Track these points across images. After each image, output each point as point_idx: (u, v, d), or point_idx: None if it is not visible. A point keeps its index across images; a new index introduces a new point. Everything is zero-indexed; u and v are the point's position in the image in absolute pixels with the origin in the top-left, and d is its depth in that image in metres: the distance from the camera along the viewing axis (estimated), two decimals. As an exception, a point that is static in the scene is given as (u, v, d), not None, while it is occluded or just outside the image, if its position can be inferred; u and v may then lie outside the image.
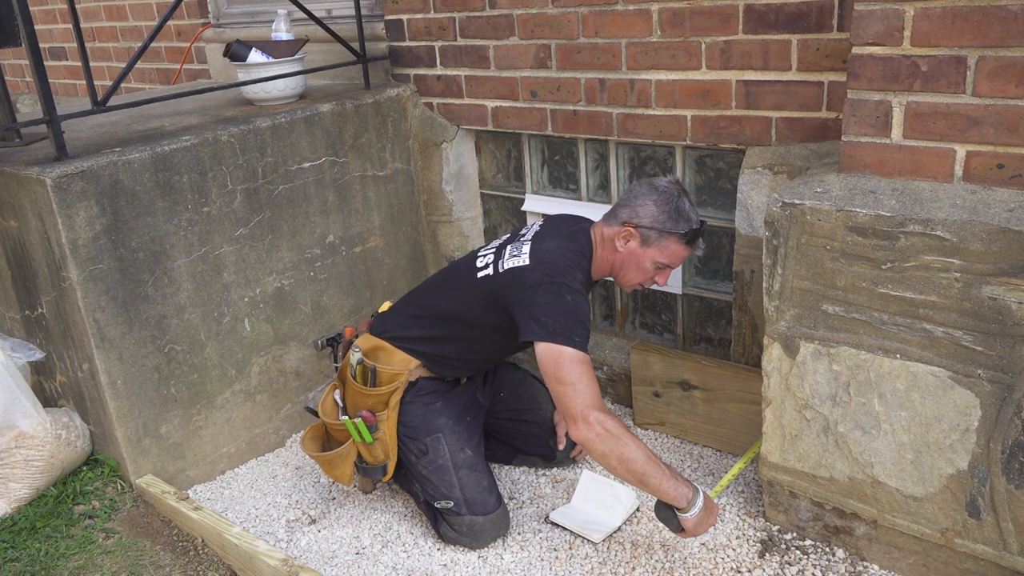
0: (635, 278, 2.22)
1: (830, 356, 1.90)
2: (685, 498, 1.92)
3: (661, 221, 2.13)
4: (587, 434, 1.91)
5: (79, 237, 2.23)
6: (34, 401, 2.43)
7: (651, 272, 2.20)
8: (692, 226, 2.15)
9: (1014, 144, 1.67)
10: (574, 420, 1.93)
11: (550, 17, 2.60)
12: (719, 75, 2.32)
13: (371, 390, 2.26)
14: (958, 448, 1.79)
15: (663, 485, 1.91)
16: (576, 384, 1.93)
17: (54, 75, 4.63)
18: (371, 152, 2.90)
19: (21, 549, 2.29)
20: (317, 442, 2.39)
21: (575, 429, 1.93)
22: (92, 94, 2.38)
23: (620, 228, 2.17)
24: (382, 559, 2.24)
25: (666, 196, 2.14)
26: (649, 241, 2.15)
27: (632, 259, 2.18)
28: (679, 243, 2.16)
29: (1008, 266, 1.62)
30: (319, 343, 2.49)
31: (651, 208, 2.14)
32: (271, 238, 2.65)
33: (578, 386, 1.93)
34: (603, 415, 1.92)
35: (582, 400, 1.92)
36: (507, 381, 2.53)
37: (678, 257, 2.19)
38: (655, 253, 2.17)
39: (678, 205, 2.14)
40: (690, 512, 1.93)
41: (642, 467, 1.90)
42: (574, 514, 2.30)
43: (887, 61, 1.76)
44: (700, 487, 2.03)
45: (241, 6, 3.64)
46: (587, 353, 1.99)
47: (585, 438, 1.92)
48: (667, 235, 2.14)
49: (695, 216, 2.17)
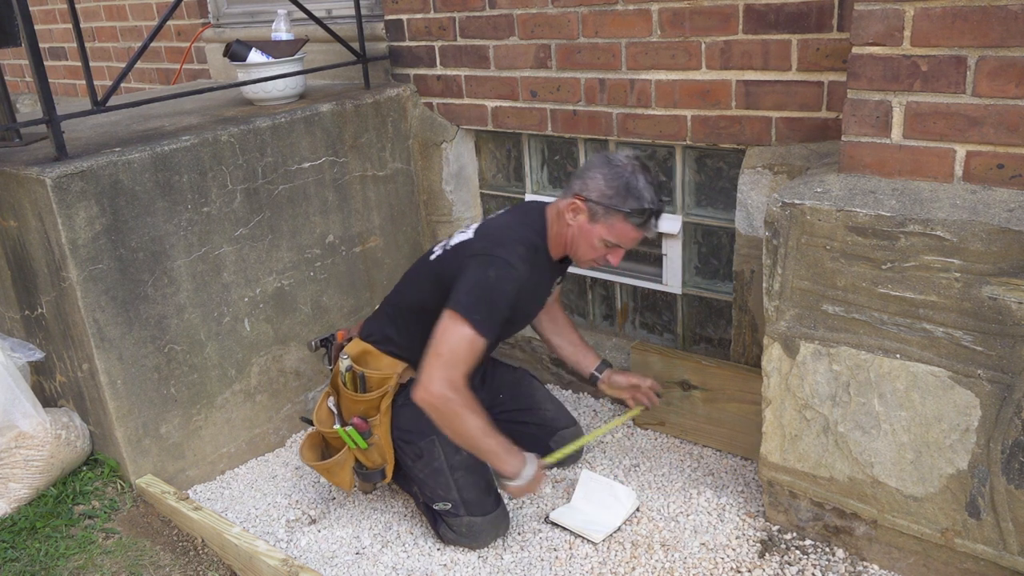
0: (586, 255, 2.14)
1: (830, 356, 1.90)
2: (513, 471, 2.08)
3: (608, 197, 2.04)
4: (425, 401, 1.99)
5: (79, 237, 2.23)
6: (34, 401, 2.43)
7: (601, 250, 2.11)
8: (642, 205, 2.03)
9: (1014, 144, 1.67)
10: (422, 384, 1.98)
11: (550, 17, 2.60)
12: (719, 75, 2.32)
13: (362, 396, 2.26)
14: (958, 448, 1.79)
15: (492, 458, 2.07)
16: (445, 357, 1.97)
17: (54, 75, 4.63)
18: (371, 152, 2.90)
19: (21, 549, 2.29)
20: (315, 450, 2.38)
21: (417, 390, 1.99)
22: (92, 94, 2.38)
23: (570, 200, 2.09)
24: (382, 559, 2.24)
25: (617, 171, 2.05)
26: (596, 216, 2.06)
27: (581, 234, 2.10)
28: (626, 222, 2.05)
29: (1008, 266, 1.62)
30: (313, 344, 2.49)
31: (600, 182, 2.05)
32: (271, 238, 2.65)
33: (446, 359, 1.97)
34: (450, 394, 1.96)
35: (440, 374, 1.97)
36: (506, 382, 2.53)
37: (627, 237, 2.09)
38: (602, 230, 2.07)
39: (629, 182, 2.03)
40: (515, 482, 2.09)
41: (472, 442, 2.04)
42: (574, 514, 2.30)
43: (887, 61, 1.76)
44: (533, 459, 2.13)
45: (241, 6, 3.63)
46: (482, 334, 1.97)
47: (422, 402, 2.00)
48: (613, 212, 2.04)
49: (650, 196, 2.05)
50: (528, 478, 2.10)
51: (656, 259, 2.75)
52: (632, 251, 2.80)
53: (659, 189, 2.09)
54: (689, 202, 2.61)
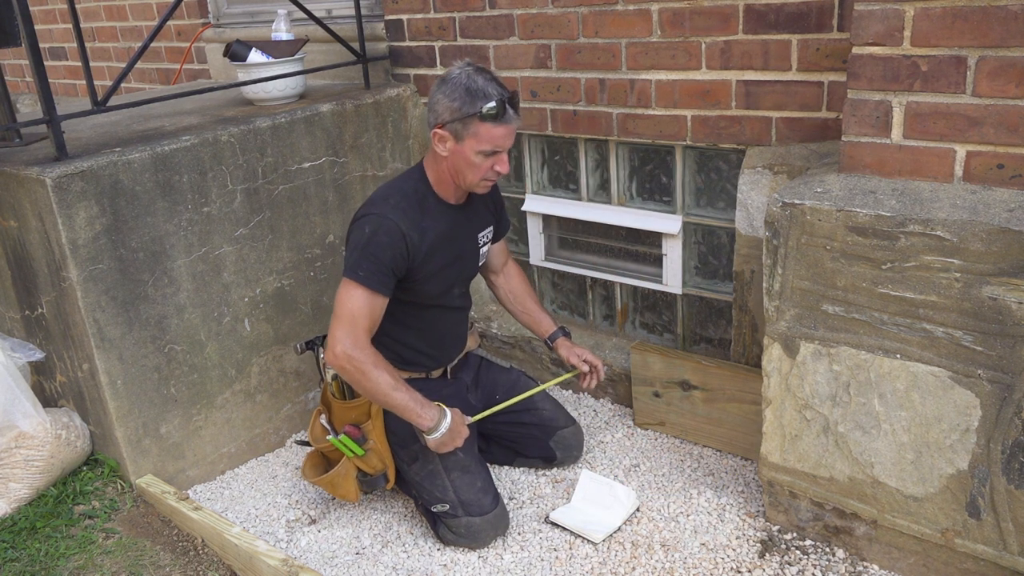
0: (473, 176, 2.09)
1: (830, 356, 1.90)
2: (429, 423, 2.09)
3: (457, 109, 1.99)
4: (335, 364, 2.06)
5: (79, 237, 2.23)
6: (34, 401, 2.43)
7: (483, 164, 2.07)
8: (490, 100, 1.98)
9: (1014, 144, 1.67)
10: (328, 348, 2.06)
11: (550, 17, 2.60)
12: (719, 75, 2.32)
13: (351, 402, 2.27)
14: (958, 448, 1.79)
15: (407, 413, 2.08)
16: (344, 318, 2.05)
17: (54, 75, 4.62)
18: (371, 152, 2.90)
19: (21, 549, 2.29)
20: (317, 469, 2.38)
21: (326, 355, 2.08)
22: (92, 94, 2.38)
23: (431, 134, 2.07)
24: (382, 559, 2.24)
25: (455, 82, 2.00)
26: (459, 134, 2.02)
27: (459, 159, 2.07)
28: (486, 123, 1.99)
29: (1008, 266, 1.62)
30: (298, 347, 2.45)
31: (444, 101, 2.01)
32: (271, 238, 2.65)
33: (344, 320, 2.05)
34: (353, 352, 2.03)
35: (340, 335, 2.04)
36: (501, 383, 2.53)
37: (496, 138, 2.03)
38: (472, 143, 2.03)
39: (468, 86, 1.98)
40: (432, 435, 2.11)
41: (384, 398, 2.07)
42: (574, 514, 2.30)
43: (887, 61, 1.76)
44: (450, 412, 2.14)
45: (241, 6, 3.63)
46: (373, 289, 2.04)
47: (331, 365, 2.08)
48: (470, 120, 1.99)
49: (494, 89, 1.99)
50: (446, 429, 2.11)
51: (656, 259, 2.75)
52: (632, 251, 2.81)
53: (500, 82, 2.04)
54: (689, 202, 2.61)
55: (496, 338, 3.14)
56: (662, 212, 2.67)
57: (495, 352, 3.17)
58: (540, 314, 2.54)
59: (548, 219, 3.00)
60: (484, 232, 2.36)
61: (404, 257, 2.09)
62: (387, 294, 2.10)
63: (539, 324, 2.53)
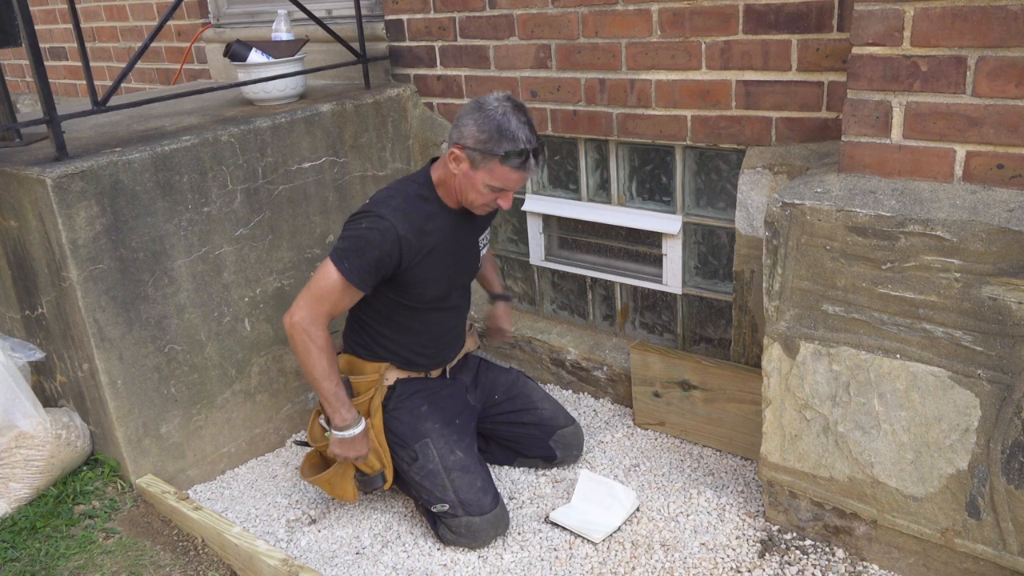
0: (476, 200, 2.10)
1: (830, 356, 1.90)
2: (342, 423, 2.17)
3: (482, 142, 1.98)
4: (287, 325, 2.12)
5: (79, 237, 2.24)
6: (34, 401, 2.43)
7: (488, 195, 2.07)
8: (517, 147, 1.97)
9: (1014, 144, 1.67)
10: (289, 311, 2.11)
11: (550, 17, 2.60)
12: (719, 75, 2.33)
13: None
14: (958, 448, 1.79)
15: (328, 403, 2.15)
16: (313, 292, 2.09)
17: (54, 75, 4.63)
18: (371, 152, 2.90)
19: (21, 549, 2.29)
20: (315, 469, 2.38)
21: (285, 317, 2.12)
22: (92, 94, 2.38)
23: (450, 150, 2.05)
24: (382, 559, 2.24)
25: (488, 115, 1.98)
26: (476, 163, 2.02)
27: (466, 181, 2.07)
28: (504, 166, 2.00)
29: (1008, 266, 1.62)
30: None
31: (473, 129, 2.00)
32: (271, 238, 2.65)
33: (313, 294, 2.09)
34: (309, 326, 2.08)
35: (303, 303, 2.09)
36: (500, 383, 2.53)
37: (509, 180, 2.03)
38: (484, 176, 2.03)
39: (501, 124, 1.97)
40: (338, 433, 2.18)
41: (315, 382, 2.13)
42: (574, 514, 2.30)
43: (887, 61, 1.76)
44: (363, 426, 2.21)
45: (241, 6, 3.64)
46: (350, 280, 2.06)
47: (286, 327, 2.13)
48: (490, 157, 1.99)
49: (524, 135, 1.98)
50: (350, 436, 2.17)
51: (656, 259, 2.76)
52: (632, 251, 2.81)
53: (534, 127, 2.05)
54: (689, 202, 2.62)
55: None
56: (662, 212, 2.67)
57: (495, 352, 3.17)
58: (494, 279, 2.66)
59: (548, 219, 3.00)
60: (484, 234, 2.37)
61: (393, 260, 2.09)
62: (364, 290, 2.12)
63: (491, 285, 2.65)
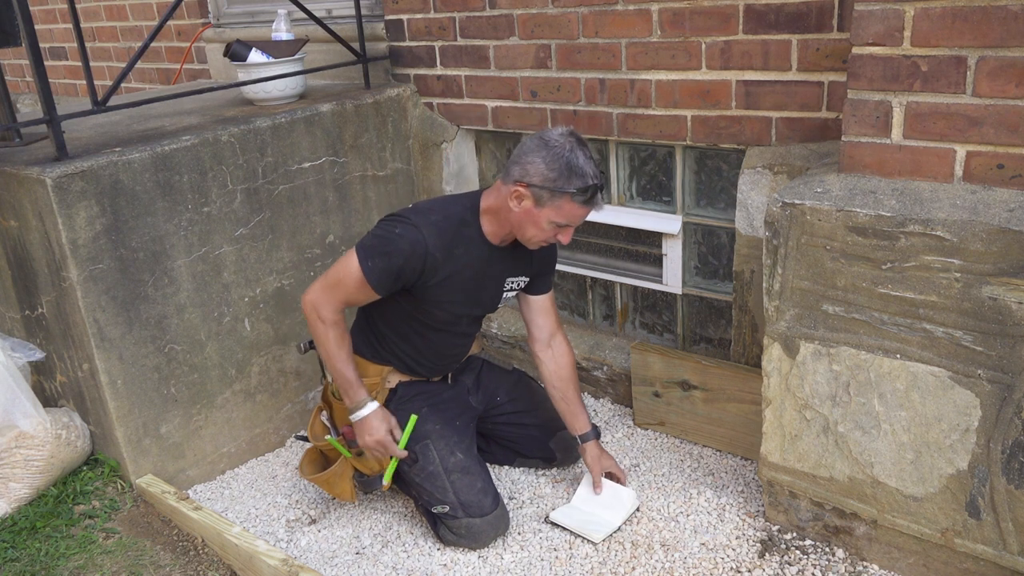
0: (536, 236, 2.08)
1: (830, 356, 1.90)
2: (348, 403, 2.20)
3: (552, 180, 1.97)
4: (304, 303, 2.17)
5: (79, 237, 2.23)
6: (34, 401, 2.43)
7: (551, 231, 2.06)
8: (587, 183, 1.97)
9: (1014, 144, 1.67)
10: (305, 292, 2.18)
11: (550, 17, 2.60)
12: (719, 75, 2.32)
13: None
14: (958, 448, 1.79)
15: (340, 383, 2.19)
16: (331, 278, 2.13)
17: (54, 75, 4.62)
18: (371, 152, 2.90)
19: (21, 549, 2.29)
20: (314, 465, 2.38)
21: (303, 296, 2.18)
22: (92, 94, 2.38)
23: (512, 187, 2.02)
24: (382, 559, 2.24)
25: (556, 152, 1.97)
26: (542, 201, 2.00)
27: (528, 218, 2.04)
28: (573, 202, 1.99)
29: (1008, 266, 1.62)
30: (302, 346, 2.46)
31: (540, 166, 1.98)
32: (271, 238, 2.65)
33: (330, 280, 2.13)
34: (320, 306, 2.13)
35: (320, 286, 2.14)
36: (502, 384, 2.52)
37: (575, 216, 2.03)
38: (550, 213, 2.01)
39: (570, 161, 1.97)
40: (351, 415, 2.20)
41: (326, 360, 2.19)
42: (574, 514, 2.30)
43: (887, 61, 1.76)
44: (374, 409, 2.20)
45: (241, 6, 3.63)
46: (367, 278, 2.07)
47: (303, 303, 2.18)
48: (559, 194, 1.98)
49: (592, 171, 1.99)
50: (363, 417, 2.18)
51: (656, 259, 2.75)
52: (632, 251, 2.81)
53: (597, 162, 2.06)
54: (689, 202, 2.61)
55: (496, 338, 3.14)
56: (662, 212, 2.67)
57: (495, 352, 3.17)
58: (578, 408, 2.37)
59: (548, 219, 2.99)
60: (515, 279, 2.29)
61: (417, 272, 2.07)
62: (380, 293, 2.11)
63: (575, 418, 2.36)
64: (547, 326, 2.37)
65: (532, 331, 2.38)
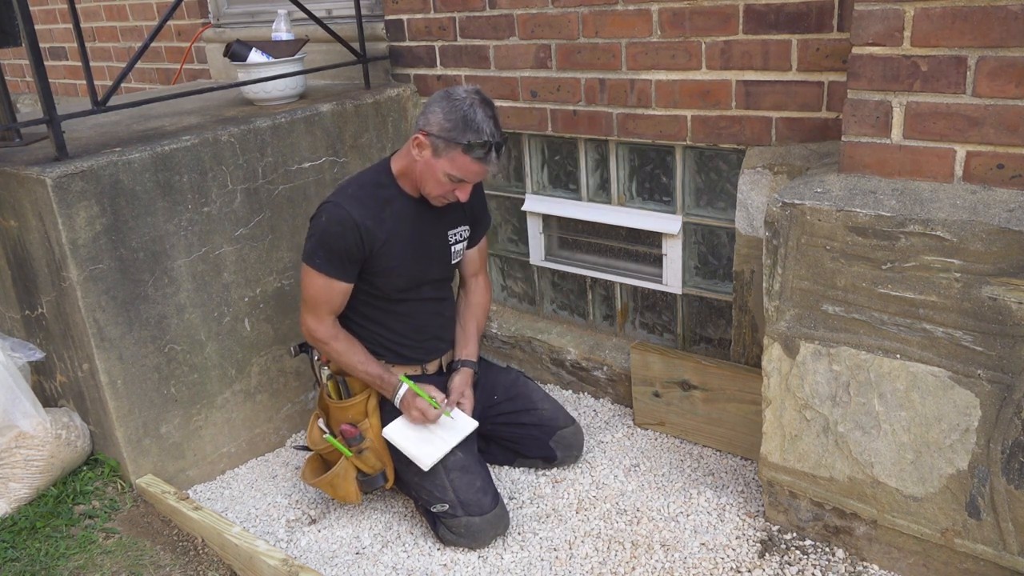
0: (434, 190, 2.14)
1: (830, 356, 1.90)
2: (388, 395, 2.28)
3: (447, 130, 2.03)
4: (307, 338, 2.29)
5: (79, 237, 2.23)
6: (34, 401, 2.43)
7: (447, 184, 2.11)
8: (481, 139, 2.02)
9: (1014, 144, 1.67)
10: (301, 324, 2.28)
11: (550, 17, 2.60)
12: (719, 75, 2.33)
13: (347, 402, 2.29)
14: (958, 448, 1.79)
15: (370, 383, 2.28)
16: (308, 303, 2.22)
17: (54, 75, 4.62)
18: (371, 152, 2.90)
19: (21, 549, 2.29)
20: (316, 473, 2.38)
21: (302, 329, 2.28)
22: (92, 94, 2.38)
23: (414, 135, 2.10)
24: (382, 559, 2.24)
25: (456, 105, 2.04)
26: (439, 150, 2.06)
27: (427, 169, 2.11)
28: (466, 156, 2.04)
29: (1008, 266, 1.62)
30: (292, 350, 2.46)
31: (439, 116, 2.05)
32: (271, 238, 2.65)
33: (308, 304, 2.22)
34: (317, 333, 2.23)
35: (307, 317, 2.24)
36: (500, 384, 2.52)
37: (470, 171, 2.08)
38: (445, 164, 2.07)
39: (467, 115, 2.02)
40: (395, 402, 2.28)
41: (349, 366, 2.26)
42: (410, 433, 2.27)
43: (887, 61, 1.76)
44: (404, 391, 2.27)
45: (241, 6, 3.64)
46: (329, 275, 2.15)
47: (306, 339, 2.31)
48: (453, 145, 2.04)
49: (489, 129, 2.04)
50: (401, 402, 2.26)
51: (656, 259, 2.76)
52: (632, 251, 2.81)
53: (499, 123, 2.09)
54: (689, 202, 2.62)
55: (496, 338, 3.14)
56: (662, 212, 2.67)
57: (495, 352, 3.17)
58: (472, 340, 2.46)
59: (548, 219, 3.00)
60: (456, 230, 2.36)
61: (358, 246, 2.15)
62: (347, 279, 2.19)
63: (463, 347, 2.45)
64: (471, 268, 2.50)
65: (461, 270, 2.51)
